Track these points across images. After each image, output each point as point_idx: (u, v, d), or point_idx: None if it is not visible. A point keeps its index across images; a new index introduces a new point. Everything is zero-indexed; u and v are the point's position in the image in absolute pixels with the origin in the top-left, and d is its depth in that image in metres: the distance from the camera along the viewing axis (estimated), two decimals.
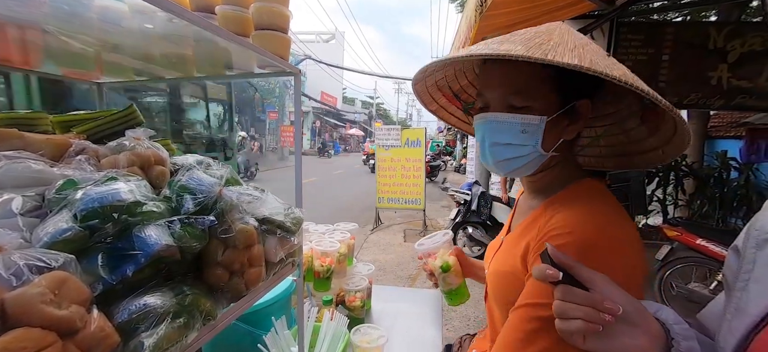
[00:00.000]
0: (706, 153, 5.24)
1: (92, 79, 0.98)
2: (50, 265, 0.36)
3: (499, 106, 0.57)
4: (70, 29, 0.69)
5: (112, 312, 0.43)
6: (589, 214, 0.53)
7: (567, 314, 0.39)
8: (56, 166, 0.59)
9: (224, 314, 0.58)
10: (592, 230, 0.51)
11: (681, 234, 2.82)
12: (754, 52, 3.46)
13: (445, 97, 0.78)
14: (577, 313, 0.39)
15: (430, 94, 0.77)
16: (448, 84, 0.75)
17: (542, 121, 0.55)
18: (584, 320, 0.38)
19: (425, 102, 0.78)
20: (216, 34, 0.59)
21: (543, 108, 0.55)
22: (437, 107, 0.80)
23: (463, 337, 0.98)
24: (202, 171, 0.64)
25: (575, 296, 0.39)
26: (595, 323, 0.38)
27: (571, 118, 0.57)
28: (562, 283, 0.40)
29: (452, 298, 0.94)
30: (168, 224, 0.51)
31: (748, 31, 3.49)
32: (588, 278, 0.40)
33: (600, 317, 0.38)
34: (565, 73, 0.52)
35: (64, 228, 0.43)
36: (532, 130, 0.55)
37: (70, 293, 0.37)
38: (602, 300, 0.38)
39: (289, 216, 0.73)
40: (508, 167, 0.59)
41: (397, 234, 5.55)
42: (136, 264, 0.46)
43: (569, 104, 0.56)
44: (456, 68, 0.72)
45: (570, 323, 0.39)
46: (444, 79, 0.74)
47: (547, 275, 0.40)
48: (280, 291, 1.15)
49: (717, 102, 3.65)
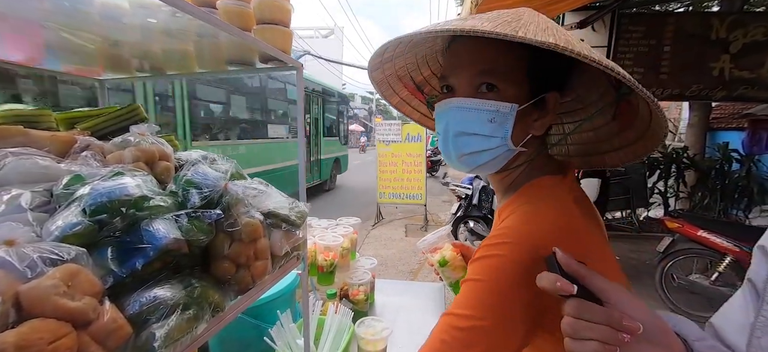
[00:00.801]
0: (708, 145, 5.23)
1: (93, 75, 0.98)
2: (63, 258, 0.37)
3: (466, 90, 0.51)
4: (70, 25, 0.69)
5: (123, 304, 0.43)
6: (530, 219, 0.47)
7: (580, 334, 0.34)
8: (62, 162, 0.59)
9: (232, 307, 0.59)
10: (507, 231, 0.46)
11: (682, 226, 2.83)
12: (756, 43, 3.44)
13: (408, 89, 0.70)
14: (593, 333, 0.34)
15: (391, 84, 0.69)
16: (409, 74, 0.67)
17: (513, 108, 0.49)
18: (600, 342, 0.33)
19: (386, 95, 0.70)
20: (220, 29, 0.59)
21: (513, 95, 0.50)
22: (399, 101, 0.72)
23: None
24: (207, 166, 0.64)
25: (590, 312, 0.34)
26: (612, 345, 0.33)
27: (540, 112, 0.52)
28: (575, 297, 0.35)
29: (455, 289, 0.96)
30: (175, 218, 0.52)
31: (751, 21, 3.46)
32: (602, 289, 0.35)
33: (618, 337, 0.33)
34: (536, 60, 0.49)
35: (74, 222, 0.44)
36: (501, 119, 0.49)
37: (82, 285, 0.37)
38: (621, 317, 0.33)
39: (293, 210, 0.74)
40: (473, 162, 0.53)
41: (399, 229, 5.56)
42: (145, 257, 0.47)
43: (539, 95, 0.51)
44: (418, 56, 0.65)
45: (584, 345, 0.34)
46: (405, 67, 0.66)
47: (558, 289, 0.35)
48: (284, 285, 1.16)
49: (719, 93, 3.63)
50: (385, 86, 0.68)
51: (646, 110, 0.50)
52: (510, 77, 0.50)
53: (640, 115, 0.52)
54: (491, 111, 0.49)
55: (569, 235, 0.45)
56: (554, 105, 0.53)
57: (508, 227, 0.47)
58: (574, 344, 0.35)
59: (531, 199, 0.50)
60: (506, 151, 0.52)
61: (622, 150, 0.59)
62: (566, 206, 0.49)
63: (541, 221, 0.46)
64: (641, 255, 4.06)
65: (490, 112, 0.49)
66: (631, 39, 3.77)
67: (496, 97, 0.50)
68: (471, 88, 0.51)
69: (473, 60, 0.50)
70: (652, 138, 0.53)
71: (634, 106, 0.51)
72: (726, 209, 4.57)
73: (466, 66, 0.51)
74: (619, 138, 0.58)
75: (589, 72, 0.54)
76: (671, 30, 3.68)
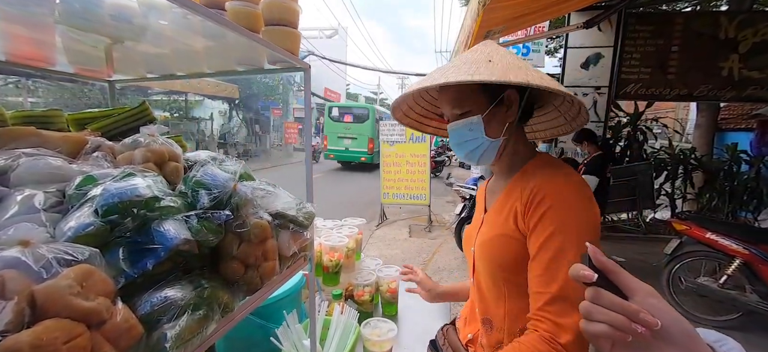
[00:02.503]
0: (716, 146, 5.15)
1: (103, 77, 0.99)
2: (77, 258, 0.37)
3: (452, 118, 0.75)
4: (82, 26, 0.70)
5: (134, 304, 0.44)
6: (553, 173, 0.68)
7: (592, 315, 0.37)
8: (74, 163, 0.60)
9: (241, 307, 0.59)
10: (567, 186, 0.66)
11: (690, 228, 2.79)
12: (766, 42, 3.39)
13: (436, 121, 0.96)
14: (603, 317, 0.36)
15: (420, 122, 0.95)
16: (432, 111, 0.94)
17: (479, 118, 0.71)
18: (610, 326, 0.35)
19: (421, 130, 0.97)
20: (231, 30, 0.59)
21: (477, 108, 0.72)
22: (433, 129, 0.97)
23: (444, 327, 1.00)
24: (216, 167, 0.64)
25: (605, 299, 0.37)
26: (623, 332, 0.35)
27: (506, 106, 0.72)
28: (595, 284, 0.38)
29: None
30: (185, 218, 0.52)
31: (760, 20, 3.40)
32: (628, 286, 0.37)
33: (631, 327, 0.35)
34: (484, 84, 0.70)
35: (87, 223, 0.44)
36: (476, 127, 0.71)
37: (96, 285, 0.37)
38: (638, 311, 0.35)
39: (301, 211, 0.74)
40: (474, 157, 0.74)
41: (403, 229, 5.56)
42: (156, 258, 0.47)
43: (498, 98, 0.71)
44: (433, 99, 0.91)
45: (593, 326, 0.37)
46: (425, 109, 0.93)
47: (581, 276, 0.38)
48: (290, 285, 1.16)
49: (728, 93, 3.58)
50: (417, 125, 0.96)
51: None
52: (471, 102, 0.72)
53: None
54: (466, 124, 0.72)
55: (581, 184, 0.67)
56: (515, 98, 0.72)
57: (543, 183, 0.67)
58: (586, 324, 0.38)
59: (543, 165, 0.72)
60: (490, 143, 0.73)
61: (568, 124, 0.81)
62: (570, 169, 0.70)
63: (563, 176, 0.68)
64: (648, 257, 4.01)
65: (467, 125, 0.72)
66: (638, 39, 3.73)
67: (468, 115, 0.72)
68: (453, 116, 0.75)
69: (445, 101, 0.75)
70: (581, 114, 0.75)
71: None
72: (735, 211, 4.50)
73: (445, 105, 0.76)
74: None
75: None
76: (679, 29, 3.64)
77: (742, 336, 2.47)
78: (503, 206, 0.74)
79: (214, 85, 8.17)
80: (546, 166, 0.71)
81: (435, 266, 4.06)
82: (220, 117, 15.98)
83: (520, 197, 0.69)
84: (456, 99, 0.73)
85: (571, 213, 0.63)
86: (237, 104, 15.61)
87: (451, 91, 0.73)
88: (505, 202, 0.74)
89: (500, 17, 2.46)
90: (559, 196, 0.64)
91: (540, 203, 0.65)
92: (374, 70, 15.98)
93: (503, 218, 0.72)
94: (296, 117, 21.07)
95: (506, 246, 0.70)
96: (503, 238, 0.71)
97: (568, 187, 0.66)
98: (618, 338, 0.35)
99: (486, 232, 0.77)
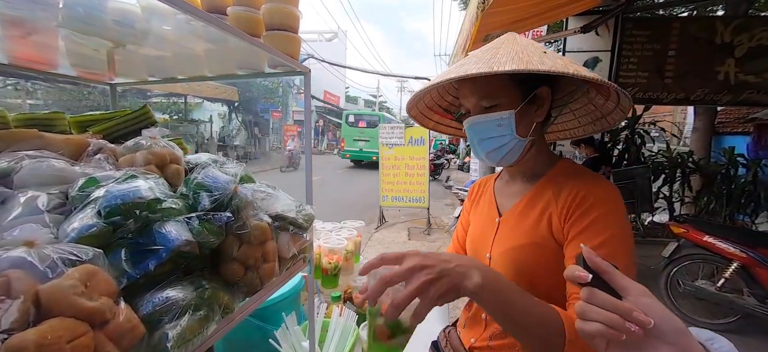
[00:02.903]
0: (713, 149, 5.18)
1: (105, 80, 1.00)
2: (81, 258, 0.38)
3: (476, 111, 0.69)
4: (85, 30, 0.70)
5: (136, 305, 0.44)
6: (594, 179, 0.66)
7: (587, 315, 0.38)
8: (77, 165, 0.60)
9: (241, 308, 0.60)
10: (606, 188, 0.64)
11: (688, 231, 2.80)
12: (762, 47, 3.41)
13: (438, 115, 0.92)
14: (597, 316, 0.37)
15: (425, 115, 0.91)
16: (436, 103, 0.90)
17: (512, 114, 0.65)
18: (604, 325, 0.37)
19: (423, 123, 0.92)
20: (232, 35, 0.60)
21: (509, 103, 0.66)
22: (434, 124, 0.93)
23: (446, 329, 0.97)
24: (217, 169, 0.65)
25: (599, 299, 0.38)
26: (617, 330, 0.36)
27: (537, 104, 0.68)
28: (589, 285, 0.39)
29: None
30: (187, 220, 0.53)
31: (756, 25, 3.44)
32: (622, 286, 0.38)
33: (624, 325, 0.36)
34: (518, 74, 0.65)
35: (90, 224, 0.45)
36: (506, 123, 0.66)
37: (99, 285, 0.38)
38: (631, 310, 0.36)
39: (300, 213, 0.75)
40: (497, 156, 0.69)
41: (402, 232, 5.55)
42: (157, 259, 0.48)
43: (531, 94, 0.67)
44: (440, 89, 0.86)
45: (589, 325, 0.38)
46: (432, 100, 0.88)
47: (575, 277, 0.40)
48: (289, 288, 1.17)
49: (724, 97, 3.61)
50: (421, 118, 0.91)
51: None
52: (503, 92, 0.66)
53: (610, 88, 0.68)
54: (497, 120, 0.66)
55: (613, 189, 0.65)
56: (547, 95, 0.68)
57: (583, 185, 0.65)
58: (581, 324, 0.39)
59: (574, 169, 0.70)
60: (517, 142, 0.68)
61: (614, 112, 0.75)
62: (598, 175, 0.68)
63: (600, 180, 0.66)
64: (646, 260, 4.01)
65: (496, 121, 0.66)
66: (636, 43, 3.76)
67: (498, 110, 0.66)
68: (478, 109, 0.68)
69: (472, 92, 0.68)
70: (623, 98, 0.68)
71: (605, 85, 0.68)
72: (732, 214, 4.52)
73: (469, 97, 0.69)
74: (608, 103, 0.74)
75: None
76: (676, 34, 3.67)
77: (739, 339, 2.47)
78: (529, 212, 0.69)
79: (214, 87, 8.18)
80: (579, 173, 0.69)
81: None
82: (219, 119, 15.99)
83: (553, 202, 0.66)
84: (485, 89, 0.66)
85: (620, 221, 0.62)
86: (236, 107, 15.63)
87: (479, 81, 0.66)
88: (531, 207, 0.69)
89: (498, 22, 2.48)
90: (607, 203, 0.62)
91: (588, 210, 0.62)
92: (373, 73, 16.03)
93: (531, 226, 0.67)
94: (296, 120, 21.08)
95: (539, 256, 0.66)
96: (534, 247, 0.66)
97: (613, 194, 0.64)
98: (612, 336, 0.36)
99: (509, 239, 0.71)
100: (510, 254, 0.70)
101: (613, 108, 0.74)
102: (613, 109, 0.74)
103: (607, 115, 0.77)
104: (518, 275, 0.68)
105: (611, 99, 0.71)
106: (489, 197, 0.82)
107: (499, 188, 0.82)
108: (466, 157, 14.00)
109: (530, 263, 0.66)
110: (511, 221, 0.73)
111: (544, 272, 0.65)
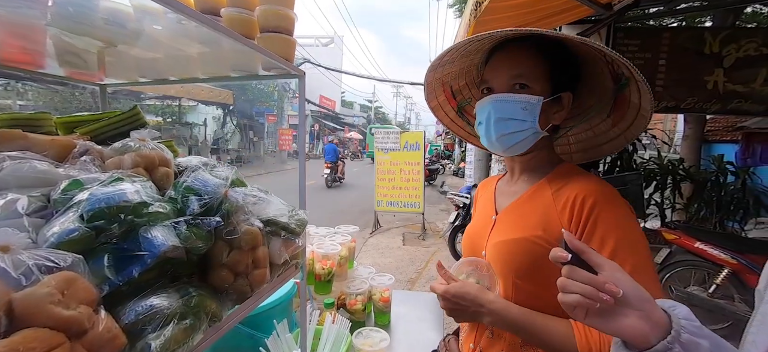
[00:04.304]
0: (703, 157, 5.27)
1: (95, 80, 0.98)
2: (59, 265, 0.36)
3: (504, 88, 0.67)
4: (74, 30, 0.69)
5: (118, 313, 0.42)
6: (596, 179, 0.65)
7: (567, 288, 0.44)
8: (61, 166, 0.58)
9: (229, 316, 0.58)
10: (606, 188, 0.64)
11: (679, 237, 2.83)
12: (749, 57, 3.50)
13: (445, 94, 0.87)
14: (576, 288, 0.43)
15: (435, 88, 0.85)
16: (449, 82, 0.85)
17: (540, 100, 0.65)
18: (582, 296, 0.42)
19: (428, 97, 0.87)
20: (226, 36, 0.59)
21: (540, 90, 0.65)
22: (436, 104, 0.89)
23: (447, 337, 0.97)
24: (208, 172, 0.64)
25: (578, 274, 0.43)
26: (592, 300, 0.42)
27: (558, 107, 0.68)
28: (569, 263, 0.45)
29: None
30: (174, 224, 0.51)
31: (743, 36, 3.53)
32: (597, 263, 0.44)
33: (598, 295, 0.41)
34: (556, 67, 0.66)
35: (71, 228, 0.43)
36: (531, 108, 0.65)
37: (78, 293, 0.36)
38: (604, 282, 0.42)
39: (293, 218, 0.73)
40: (509, 141, 0.68)
41: (396, 237, 5.53)
42: (142, 265, 0.46)
43: (558, 93, 0.67)
44: (461, 67, 0.81)
45: (569, 297, 0.44)
46: (449, 75, 0.83)
47: (557, 257, 0.46)
48: (281, 294, 1.14)
49: (713, 106, 3.68)
50: (431, 88, 0.84)
51: (637, 96, 0.65)
52: (537, 78, 0.66)
53: (631, 103, 0.67)
54: (524, 101, 0.65)
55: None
56: (568, 102, 0.68)
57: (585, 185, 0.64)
58: (562, 296, 0.45)
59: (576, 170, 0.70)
60: (534, 132, 0.67)
61: (616, 139, 0.75)
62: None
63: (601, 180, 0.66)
64: None
65: (523, 102, 0.65)
66: (627, 52, 3.83)
67: (528, 92, 0.65)
68: (508, 86, 0.67)
69: (510, 66, 0.67)
70: (640, 120, 0.68)
71: (626, 98, 0.68)
72: (722, 221, 4.59)
73: (504, 70, 0.67)
74: (613, 130, 0.75)
75: (591, 79, 0.72)
76: (666, 44, 3.74)
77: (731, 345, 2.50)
78: (526, 209, 0.69)
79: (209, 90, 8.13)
80: (581, 174, 0.68)
81: (428, 274, 4.04)
82: (213, 123, 15.90)
83: (552, 204, 0.65)
84: (525, 66, 0.65)
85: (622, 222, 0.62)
86: (231, 110, 15.56)
87: (522, 55, 0.66)
88: (529, 205, 0.69)
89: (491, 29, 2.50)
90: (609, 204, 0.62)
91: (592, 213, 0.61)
92: (369, 78, 16.10)
93: (525, 222, 0.68)
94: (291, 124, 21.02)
95: (528, 251, 0.66)
96: (525, 242, 0.66)
97: (614, 193, 0.64)
98: (588, 305, 0.42)
99: (503, 233, 0.72)
100: (501, 246, 0.70)
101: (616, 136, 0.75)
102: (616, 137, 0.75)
103: (603, 145, 0.78)
104: (505, 266, 0.69)
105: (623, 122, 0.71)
106: (489, 196, 0.83)
107: (500, 187, 0.82)
108: (461, 163, 14.09)
109: (520, 256, 0.67)
110: (506, 217, 0.73)
111: (533, 269, 0.66)
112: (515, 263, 0.67)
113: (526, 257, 0.66)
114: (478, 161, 6.66)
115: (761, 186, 4.88)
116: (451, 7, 10.93)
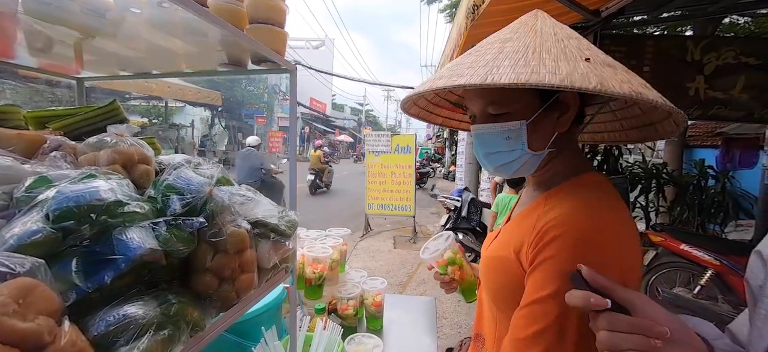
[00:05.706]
0: (685, 161, 5.44)
1: (71, 73, 0.92)
2: (15, 270, 0.32)
3: (482, 118, 0.59)
4: (49, 18, 0.64)
5: (87, 324, 0.38)
6: (583, 208, 0.51)
7: (619, 346, 0.37)
8: (28, 163, 0.53)
9: (213, 325, 0.54)
10: (585, 224, 0.49)
11: (665, 240, 2.89)
12: (728, 65, 3.64)
13: (447, 110, 0.83)
14: (629, 344, 0.36)
15: (431, 111, 0.82)
16: (443, 98, 0.80)
17: (522, 125, 0.55)
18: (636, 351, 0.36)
19: (428, 119, 0.83)
20: (212, 23, 0.55)
21: (521, 112, 0.55)
22: (443, 119, 0.85)
23: (464, 340, 0.94)
24: (191, 170, 0.60)
25: (624, 324, 0.37)
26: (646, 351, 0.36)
27: (560, 111, 0.56)
28: (608, 310, 0.37)
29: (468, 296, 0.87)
30: (152, 226, 0.47)
31: (722, 44, 3.66)
32: (626, 300, 0.38)
33: (651, 344, 0.35)
34: None
35: (34, 230, 0.39)
36: (515, 136, 0.56)
37: (37, 302, 0.32)
38: (651, 325, 0.36)
39: (283, 219, 0.70)
40: (509, 170, 0.60)
41: (387, 240, 5.50)
42: (115, 270, 0.42)
43: (551, 99, 0.55)
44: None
45: None
46: (437, 96, 0.78)
47: (592, 304, 0.37)
48: (270, 300, 1.10)
49: (695, 112, 3.80)
50: (425, 115, 0.81)
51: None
52: (514, 99, 0.55)
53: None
54: (504, 130, 0.56)
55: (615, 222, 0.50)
56: (573, 100, 0.56)
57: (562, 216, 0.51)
58: None
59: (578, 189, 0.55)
60: (531, 157, 0.57)
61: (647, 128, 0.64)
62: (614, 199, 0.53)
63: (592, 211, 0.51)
64: None
65: (504, 132, 0.56)
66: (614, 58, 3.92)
67: (507, 119, 0.56)
68: (485, 116, 0.58)
69: (479, 94, 0.58)
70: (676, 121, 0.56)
71: None
72: (703, 224, 4.73)
73: (476, 100, 0.59)
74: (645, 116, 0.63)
75: None
76: (650, 51, 3.85)
77: None
78: (518, 227, 0.60)
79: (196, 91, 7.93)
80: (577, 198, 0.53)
81: (419, 277, 4.01)
82: (201, 124, 15.59)
83: (534, 225, 0.54)
84: (492, 94, 0.55)
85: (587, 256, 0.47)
86: (220, 112, 15.29)
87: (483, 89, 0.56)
88: (521, 222, 0.60)
89: (485, 34, 2.52)
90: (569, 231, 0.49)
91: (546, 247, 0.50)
92: (360, 81, 16.09)
93: (510, 242, 0.59)
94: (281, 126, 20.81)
95: (501, 270, 0.59)
96: (501, 261, 0.59)
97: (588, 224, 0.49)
98: None
99: (495, 247, 0.65)
100: (487, 261, 0.66)
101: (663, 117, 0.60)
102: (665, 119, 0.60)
103: (657, 123, 0.63)
104: (486, 287, 0.64)
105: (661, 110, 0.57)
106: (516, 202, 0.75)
107: (524, 192, 0.73)
108: (451, 166, 14.19)
109: (496, 275, 0.61)
110: (504, 230, 0.67)
111: (504, 290, 0.58)
112: (491, 282, 0.62)
113: (500, 277, 0.59)
114: (468, 165, 6.70)
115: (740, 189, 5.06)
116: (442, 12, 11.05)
